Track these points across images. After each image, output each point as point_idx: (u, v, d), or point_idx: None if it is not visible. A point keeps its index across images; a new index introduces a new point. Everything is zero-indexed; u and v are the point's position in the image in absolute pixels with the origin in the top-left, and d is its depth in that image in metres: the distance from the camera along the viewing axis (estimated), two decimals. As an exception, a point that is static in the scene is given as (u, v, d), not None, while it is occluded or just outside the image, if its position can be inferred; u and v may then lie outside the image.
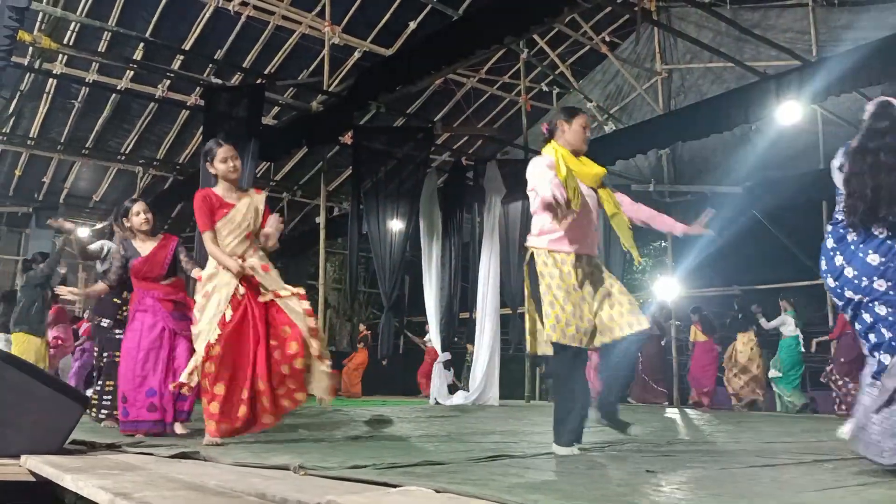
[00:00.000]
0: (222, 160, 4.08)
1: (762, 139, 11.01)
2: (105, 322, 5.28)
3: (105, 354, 5.27)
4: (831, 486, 2.38)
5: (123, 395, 4.48)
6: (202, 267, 4.31)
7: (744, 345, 10.77)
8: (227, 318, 3.87)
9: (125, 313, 5.03)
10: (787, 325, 10.42)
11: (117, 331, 5.17)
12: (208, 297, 3.95)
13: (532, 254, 3.49)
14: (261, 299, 3.93)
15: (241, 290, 3.94)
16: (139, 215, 4.68)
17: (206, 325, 3.88)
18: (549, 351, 3.43)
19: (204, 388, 3.86)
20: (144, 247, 4.67)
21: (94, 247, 5.83)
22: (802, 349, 10.34)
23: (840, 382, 9.14)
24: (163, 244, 4.72)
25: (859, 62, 7.77)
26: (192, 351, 4.15)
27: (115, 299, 5.27)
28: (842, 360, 9.16)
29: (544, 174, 3.30)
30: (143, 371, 4.47)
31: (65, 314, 9.19)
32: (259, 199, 4.17)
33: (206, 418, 3.84)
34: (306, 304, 4.00)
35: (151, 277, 4.62)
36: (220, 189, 4.12)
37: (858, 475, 2.65)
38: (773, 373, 10.50)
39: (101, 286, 4.94)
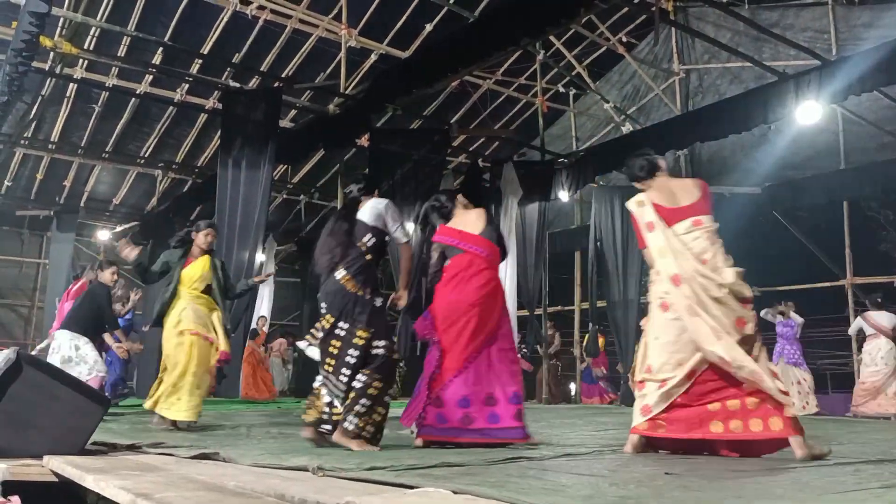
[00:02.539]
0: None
1: (781, 139, 10.93)
2: (379, 301, 4.04)
3: (382, 344, 3.96)
4: (853, 488, 2.36)
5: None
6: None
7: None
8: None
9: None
10: None
11: (389, 314, 4.30)
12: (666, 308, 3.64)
13: None
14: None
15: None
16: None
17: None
18: None
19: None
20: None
21: None
22: None
23: None
24: None
25: (880, 61, 7.70)
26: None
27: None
28: None
29: None
30: None
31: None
32: (689, 182, 3.91)
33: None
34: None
35: None
36: (654, 192, 3.86)
37: (881, 477, 2.62)
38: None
39: None
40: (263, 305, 11.47)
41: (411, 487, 2.22)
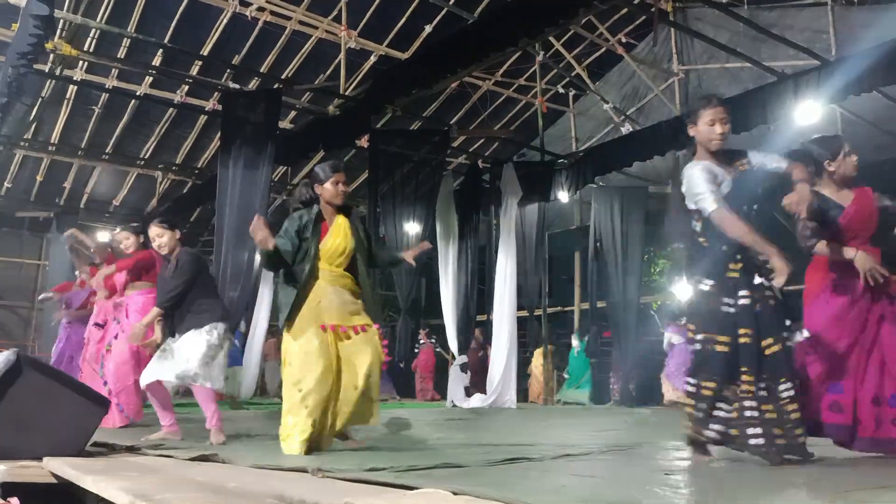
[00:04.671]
0: None
1: (780, 140, 10.91)
2: (705, 285, 3.30)
3: (700, 338, 3.23)
4: (851, 488, 2.36)
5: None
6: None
7: (536, 357, 12.96)
8: None
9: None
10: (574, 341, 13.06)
11: (729, 300, 3.22)
12: None
13: None
14: None
15: None
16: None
17: None
18: None
19: None
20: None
21: None
22: (584, 356, 12.80)
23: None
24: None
25: (879, 61, 7.71)
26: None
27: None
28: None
29: None
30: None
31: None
32: None
33: None
34: None
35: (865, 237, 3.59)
36: None
37: (879, 476, 2.62)
38: (564, 375, 13.00)
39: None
40: (263, 305, 11.43)
41: (411, 488, 2.22)
